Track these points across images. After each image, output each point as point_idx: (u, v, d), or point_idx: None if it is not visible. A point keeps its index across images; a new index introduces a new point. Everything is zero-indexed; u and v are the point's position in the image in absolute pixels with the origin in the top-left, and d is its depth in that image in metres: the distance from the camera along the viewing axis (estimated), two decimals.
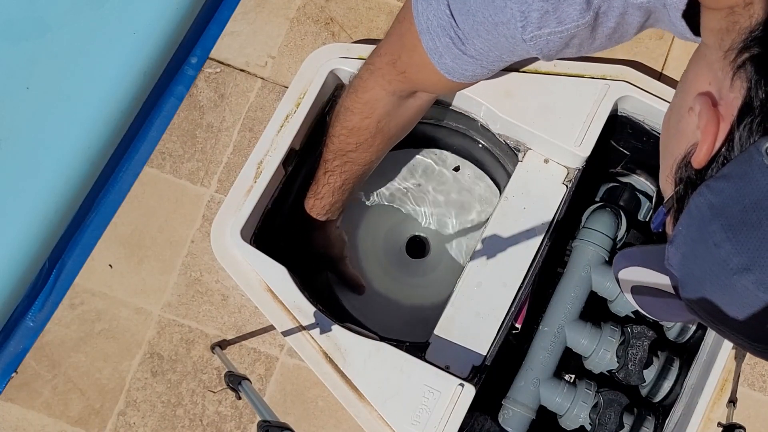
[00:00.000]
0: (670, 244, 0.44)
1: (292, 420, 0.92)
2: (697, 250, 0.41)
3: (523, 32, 0.57)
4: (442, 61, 0.70)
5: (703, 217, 0.41)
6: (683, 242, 0.43)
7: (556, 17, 0.55)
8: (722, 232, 0.39)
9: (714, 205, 0.40)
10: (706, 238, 0.40)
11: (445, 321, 0.94)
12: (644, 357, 0.97)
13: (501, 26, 0.59)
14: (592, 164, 0.97)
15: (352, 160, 0.91)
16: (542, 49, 0.60)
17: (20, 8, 1.01)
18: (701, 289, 0.41)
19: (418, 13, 0.68)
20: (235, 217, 0.92)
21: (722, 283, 0.39)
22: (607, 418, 0.96)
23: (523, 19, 0.56)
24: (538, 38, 0.58)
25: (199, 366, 0.93)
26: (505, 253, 0.96)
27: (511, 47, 0.62)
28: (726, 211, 0.39)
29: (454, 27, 0.65)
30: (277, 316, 0.91)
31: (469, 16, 0.62)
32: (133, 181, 0.98)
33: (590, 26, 0.56)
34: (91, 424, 0.92)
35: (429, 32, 0.68)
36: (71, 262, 0.95)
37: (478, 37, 0.63)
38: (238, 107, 1.00)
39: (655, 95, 0.96)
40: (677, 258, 0.43)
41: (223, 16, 1.04)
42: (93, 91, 0.98)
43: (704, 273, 0.41)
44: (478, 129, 1.06)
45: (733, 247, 0.38)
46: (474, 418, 0.97)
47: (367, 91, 0.83)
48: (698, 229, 0.41)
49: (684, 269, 0.43)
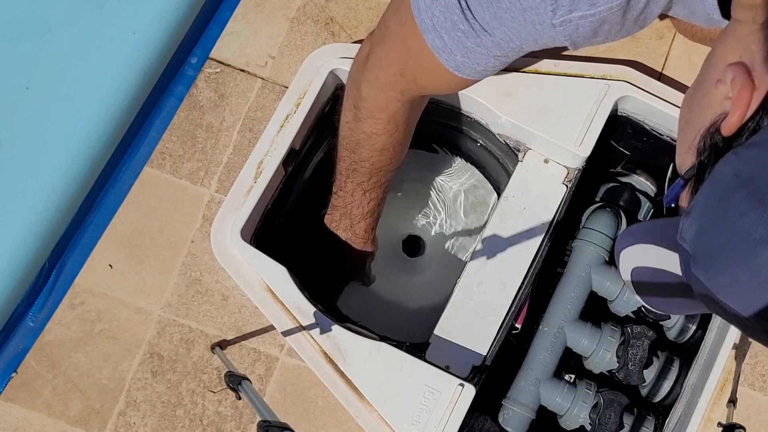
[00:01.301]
0: (685, 216, 0.42)
1: (292, 420, 0.92)
2: (716, 220, 0.39)
3: (553, 16, 0.55)
4: (451, 58, 0.67)
5: (728, 185, 0.39)
6: (702, 213, 0.41)
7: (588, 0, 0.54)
8: (748, 200, 0.37)
9: (741, 172, 0.38)
10: (729, 207, 0.38)
11: (445, 321, 0.94)
12: (644, 357, 0.97)
13: (529, 11, 0.56)
14: (592, 164, 0.97)
15: (387, 170, 0.91)
16: (571, 35, 0.57)
17: (20, 8, 1.01)
18: (716, 264, 0.39)
19: (420, 11, 0.65)
20: (235, 217, 0.92)
21: (742, 255, 0.37)
22: (607, 418, 0.96)
23: (554, 2, 0.54)
24: (568, 23, 0.56)
25: (199, 366, 0.93)
26: (505, 253, 0.96)
27: (536, 35, 0.59)
28: (755, 180, 0.38)
29: (469, 18, 0.62)
30: (277, 316, 0.91)
31: (491, 3, 0.59)
32: (133, 181, 0.98)
33: (623, 8, 0.54)
34: (91, 424, 0.92)
35: (435, 29, 0.65)
36: (71, 262, 0.95)
37: (500, 26, 0.60)
38: (238, 107, 1.00)
39: (655, 95, 0.96)
40: (692, 230, 0.41)
41: (223, 16, 1.04)
42: (93, 91, 0.98)
43: (722, 245, 0.39)
44: (478, 129, 1.06)
45: (759, 216, 0.37)
46: (474, 418, 0.97)
47: (384, 110, 0.80)
48: (720, 199, 0.39)
49: (698, 242, 0.41)
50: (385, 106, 0.80)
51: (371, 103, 0.80)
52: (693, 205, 0.42)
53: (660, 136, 1.01)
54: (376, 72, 0.77)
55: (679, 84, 1.02)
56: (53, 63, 0.99)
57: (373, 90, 0.79)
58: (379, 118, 0.82)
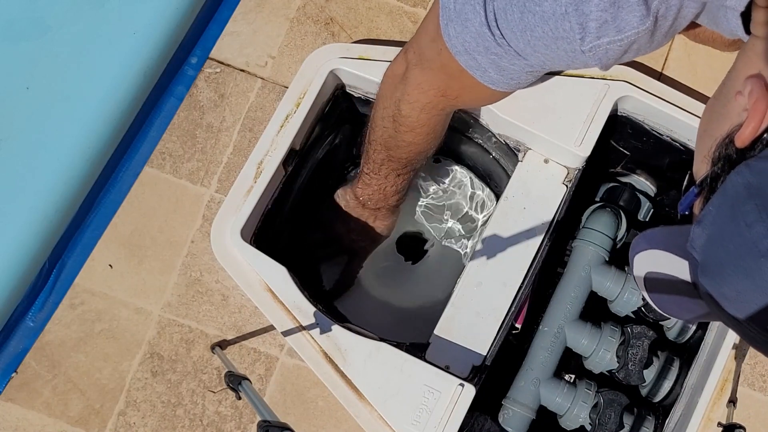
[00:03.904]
0: (696, 225, 0.42)
1: (292, 420, 0.92)
2: (725, 230, 0.40)
3: (581, 44, 0.56)
4: (486, 75, 0.70)
5: (738, 196, 0.40)
6: (712, 222, 0.41)
7: (615, 26, 0.54)
8: (756, 212, 0.38)
9: (752, 184, 0.39)
10: (738, 218, 0.39)
11: (445, 321, 0.94)
12: (644, 357, 0.97)
13: (561, 40, 0.58)
14: (592, 164, 0.97)
15: (422, 160, 0.94)
16: (601, 59, 0.59)
17: (20, 8, 1.01)
18: (722, 273, 0.40)
19: (450, 37, 0.68)
20: (235, 217, 0.92)
21: (747, 266, 0.38)
22: (607, 418, 0.96)
23: (582, 30, 0.55)
24: (596, 48, 0.57)
25: (199, 366, 0.93)
26: (505, 253, 0.96)
27: (569, 60, 0.61)
28: (763, 192, 0.38)
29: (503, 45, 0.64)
30: (277, 316, 0.91)
31: (525, 32, 0.60)
32: (133, 181, 0.98)
33: (650, 31, 0.55)
34: (91, 424, 0.92)
35: (468, 52, 0.67)
36: (71, 262, 0.95)
37: (534, 53, 0.63)
38: (238, 107, 1.00)
39: (655, 95, 0.96)
40: (702, 239, 0.42)
41: (223, 16, 1.04)
42: (93, 91, 0.98)
43: (729, 255, 0.39)
44: (477, 129, 1.06)
45: (766, 228, 0.37)
46: (474, 418, 0.97)
47: (425, 125, 0.84)
48: (730, 209, 0.40)
49: (707, 251, 0.41)
50: (426, 122, 0.83)
51: (412, 120, 0.83)
52: (704, 214, 0.42)
53: (660, 136, 1.01)
54: (417, 95, 0.80)
55: (678, 84, 1.02)
56: (53, 63, 0.99)
57: (414, 110, 0.82)
58: (419, 132, 0.85)
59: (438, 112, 0.82)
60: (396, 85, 0.82)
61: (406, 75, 0.80)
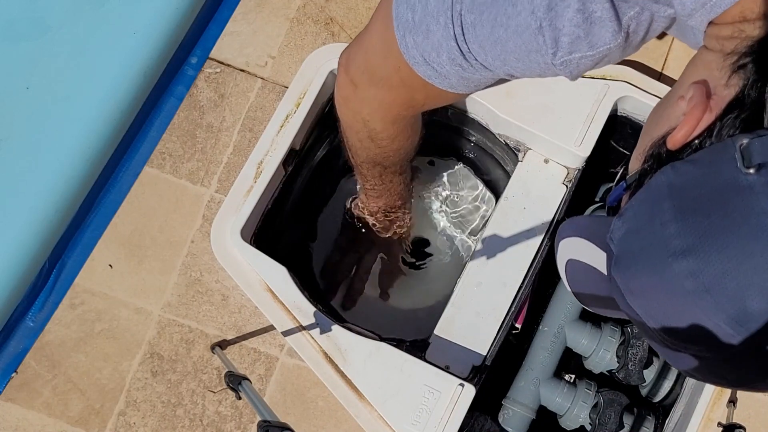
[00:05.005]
0: (618, 218, 0.44)
1: (292, 420, 0.92)
2: (642, 225, 0.41)
3: (553, 58, 0.57)
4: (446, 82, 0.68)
5: (660, 194, 0.41)
6: (632, 216, 0.42)
7: (587, 42, 0.55)
8: (672, 211, 0.39)
9: (673, 185, 0.40)
10: (656, 215, 0.40)
11: (445, 321, 0.94)
12: (644, 357, 0.97)
13: (534, 53, 0.58)
14: (592, 164, 0.97)
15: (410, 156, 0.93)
16: (572, 71, 0.59)
17: (20, 8, 1.01)
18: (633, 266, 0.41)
19: (408, 48, 0.66)
20: (235, 217, 0.92)
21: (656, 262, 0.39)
22: (607, 418, 0.96)
23: (554, 45, 0.55)
24: (568, 63, 0.57)
25: (199, 366, 0.93)
26: (505, 253, 0.96)
27: (540, 71, 0.61)
28: (682, 194, 0.39)
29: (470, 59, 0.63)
30: (277, 316, 0.91)
31: (495, 46, 0.60)
32: (133, 181, 0.98)
33: (621, 46, 0.56)
34: (91, 424, 0.92)
35: (427, 63, 0.65)
36: (71, 262, 0.95)
37: (504, 65, 0.62)
38: (238, 107, 1.00)
39: (655, 95, 0.96)
40: (621, 232, 0.43)
41: (223, 16, 1.04)
42: (93, 91, 0.98)
43: (642, 249, 0.41)
44: (477, 129, 1.06)
45: (679, 228, 0.38)
46: (474, 418, 0.97)
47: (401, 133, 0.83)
48: (650, 206, 0.41)
49: (623, 244, 0.43)
50: (403, 129, 0.83)
51: (389, 133, 0.82)
52: (626, 207, 0.44)
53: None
54: (382, 113, 0.79)
55: None
56: (53, 63, 0.99)
57: (386, 125, 0.81)
58: (401, 137, 0.84)
59: (409, 119, 0.81)
60: (355, 108, 0.80)
61: (363, 96, 0.77)
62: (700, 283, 0.37)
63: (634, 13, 0.53)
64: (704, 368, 0.42)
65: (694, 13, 0.48)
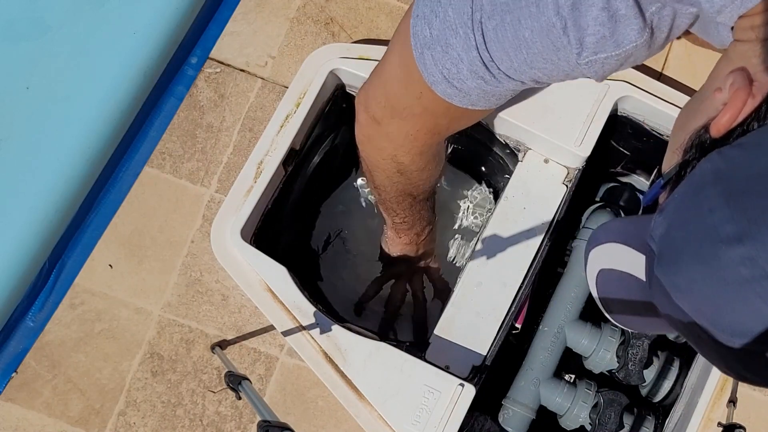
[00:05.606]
0: (659, 213, 0.41)
1: (292, 420, 0.92)
2: (686, 217, 0.38)
3: (578, 58, 0.56)
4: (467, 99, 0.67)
5: (705, 181, 0.38)
6: (674, 210, 0.40)
7: (613, 41, 0.54)
8: (721, 197, 0.36)
9: (720, 170, 0.38)
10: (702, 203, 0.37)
11: (445, 321, 0.94)
12: (644, 357, 0.97)
13: (561, 51, 0.57)
14: (592, 164, 0.97)
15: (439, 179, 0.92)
16: (597, 72, 0.58)
17: (20, 8, 1.01)
18: (679, 261, 0.38)
19: (427, 66, 0.64)
20: (235, 217, 0.92)
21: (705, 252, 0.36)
22: (607, 418, 0.96)
23: (579, 45, 0.54)
24: (594, 63, 0.56)
25: (199, 366, 0.93)
26: (505, 253, 0.96)
27: (569, 71, 0.60)
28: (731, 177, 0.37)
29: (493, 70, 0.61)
30: (277, 316, 0.91)
31: (520, 50, 0.58)
32: (133, 181, 0.98)
33: (647, 43, 0.55)
34: (91, 424, 0.92)
35: (447, 80, 0.64)
36: (71, 262, 0.95)
37: (530, 69, 0.60)
38: (238, 107, 1.00)
39: (655, 95, 0.96)
40: (662, 228, 0.40)
41: (223, 16, 1.04)
42: (93, 91, 0.97)
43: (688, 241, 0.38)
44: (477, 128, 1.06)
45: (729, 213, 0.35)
46: (474, 418, 0.97)
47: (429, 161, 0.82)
48: (695, 194, 0.38)
49: (666, 239, 0.40)
50: (430, 159, 0.82)
51: (417, 164, 0.81)
52: (668, 202, 0.41)
53: (660, 137, 1.01)
54: (409, 145, 0.77)
55: (679, 84, 1.02)
56: (53, 63, 0.99)
57: (414, 156, 0.79)
58: (428, 167, 0.84)
59: (435, 146, 0.80)
60: (380, 146, 0.79)
61: (387, 131, 0.76)
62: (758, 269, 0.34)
63: (655, 9, 0.52)
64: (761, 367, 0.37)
65: (724, 9, 0.46)
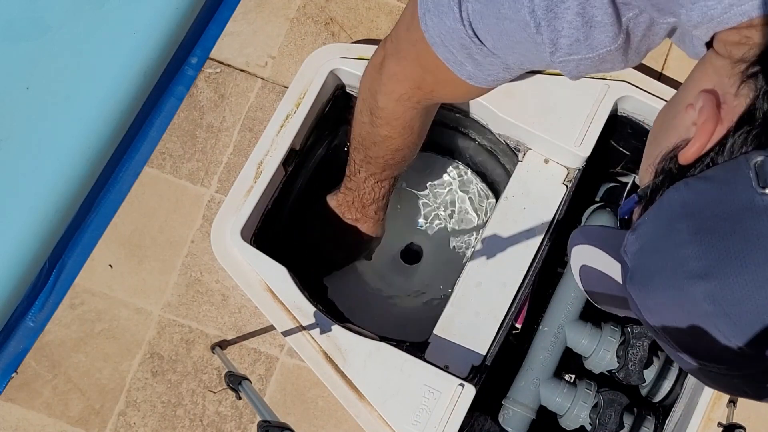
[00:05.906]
0: (631, 232, 0.43)
1: (292, 420, 0.92)
2: (658, 244, 0.41)
3: (551, 56, 0.57)
4: (463, 69, 0.69)
5: (674, 212, 0.40)
6: (646, 233, 0.42)
7: (587, 45, 0.55)
8: (689, 233, 0.39)
9: (687, 203, 0.40)
10: (671, 234, 0.40)
11: (445, 321, 0.94)
12: (644, 357, 0.97)
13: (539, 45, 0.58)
14: (592, 164, 0.97)
15: (400, 166, 0.93)
16: (571, 71, 0.59)
17: (20, 8, 1.01)
18: (649, 284, 0.41)
19: (428, 27, 0.66)
20: (235, 217, 0.92)
21: (673, 283, 0.39)
22: (607, 418, 0.96)
23: (552, 45, 0.55)
24: (567, 62, 0.57)
25: (199, 366, 0.93)
26: (505, 253, 0.96)
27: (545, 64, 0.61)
28: (699, 213, 0.39)
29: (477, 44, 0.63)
30: (277, 316, 0.91)
31: (502, 36, 0.60)
32: (133, 181, 0.98)
33: (622, 48, 0.56)
34: (91, 424, 0.92)
35: (444, 45, 0.66)
36: (71, 262, 0.95)
37: (513, 53, 0.62)
38: (238, 107, 1.00)
39: (655, 95, 0.96)
40: (635, 247, 0.43)
41: (223, 16, 1.04)
42: (93, 91, 0.98)
43: (658, 269, 0.40)
44: (477, 129, 1.06)
45: (696, 251, 0.38)
46: (474, 418, 0.97)
47: (400, 118, 0.83)
48: (665, 224, 0.41)
49: (638, 260, 0.42)
50: (401, 115, 0.82)
51: (388, 112, 0.82)
52: (639, 223, 0.43)
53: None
54: (392, 86, 0.79)
55: (679, 84, 1.02)
56: (53, 63, 0.99)
57: (390, 101, 0.81)
58: (395, 125, 0.84)
59: (414, 105, 0.81)
60: (374, 76, 0.81)
61: (383, 65, 0.79)
62: (719, 307, 0.37)
63: (632, 15, 0.52)
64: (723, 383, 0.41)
65: (700, 26, 0.47)
